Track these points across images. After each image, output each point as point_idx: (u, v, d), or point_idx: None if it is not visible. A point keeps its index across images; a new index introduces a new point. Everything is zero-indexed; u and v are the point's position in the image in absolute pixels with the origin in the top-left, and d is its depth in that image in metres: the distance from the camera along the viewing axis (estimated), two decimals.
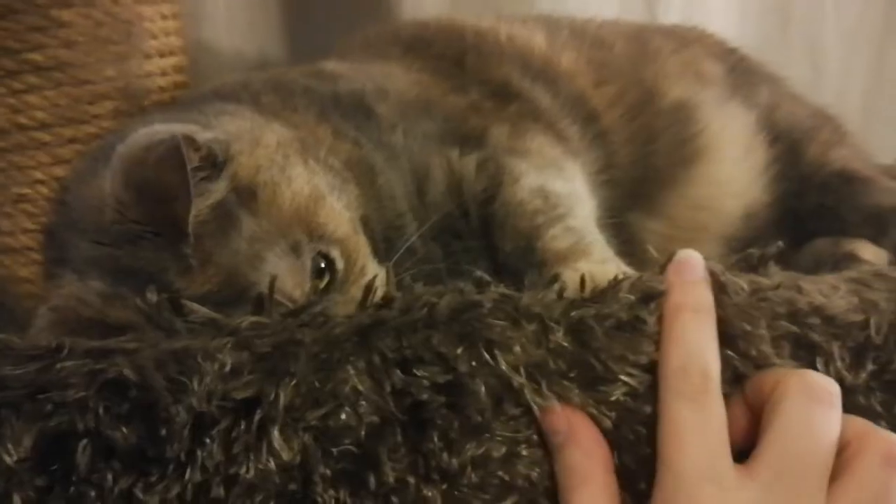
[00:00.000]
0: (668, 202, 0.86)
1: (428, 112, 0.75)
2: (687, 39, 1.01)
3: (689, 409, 0.50)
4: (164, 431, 0.52)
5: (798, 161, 0.91)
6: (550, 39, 0.91)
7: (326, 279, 0.60)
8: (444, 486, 0.54)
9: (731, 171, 0.90)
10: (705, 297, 0.54)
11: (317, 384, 0.54)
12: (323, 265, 0.60)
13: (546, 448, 0.54)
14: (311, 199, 0.61)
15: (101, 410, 0.52)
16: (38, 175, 0.76)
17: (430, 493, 0.53)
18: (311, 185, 0.62)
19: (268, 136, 0.64)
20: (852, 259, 0.79)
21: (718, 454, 0.49)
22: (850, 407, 0.55)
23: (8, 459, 0.53)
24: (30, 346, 0.54)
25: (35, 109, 0.75)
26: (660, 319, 0.54)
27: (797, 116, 0.95)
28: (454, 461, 0.53)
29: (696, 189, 0.87)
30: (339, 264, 0.61)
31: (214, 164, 0.58)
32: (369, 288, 0.57)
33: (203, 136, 0.58)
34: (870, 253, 0.80)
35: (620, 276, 0.58)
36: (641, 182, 0.85)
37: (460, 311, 0.55)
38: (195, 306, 0.56)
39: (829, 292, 0.57)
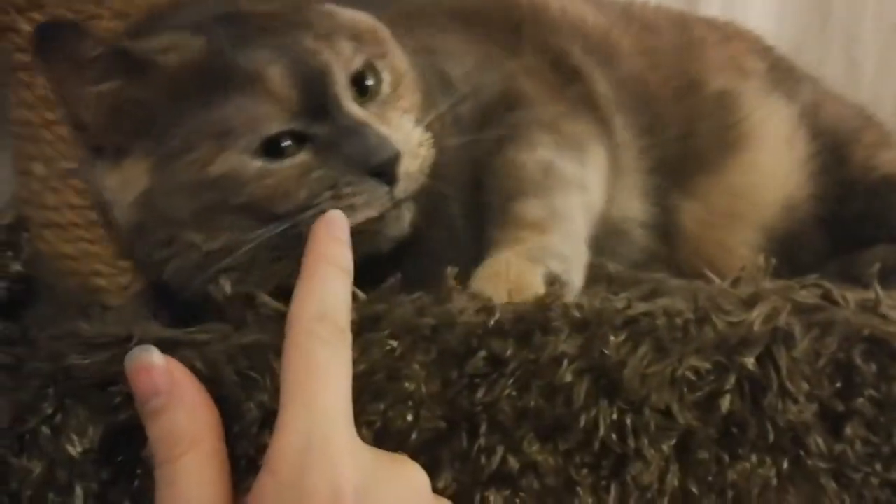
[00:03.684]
0: (707, 186, 0.85)
1: (482, 76, 0.73)
2: (728, 33, 1.00)
3: (329, 351, 0.49)
4: (236, 428, 0.51)
5: (843, 163, 0.90)
6: (603, 16, 0.90)
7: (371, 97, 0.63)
8: None
9: (772, 161, 0.89)
10: (347, 256, 0.53)
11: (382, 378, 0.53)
12: (370, 82, 0.63)
13: None
14: (379, 28, 0.66)
15: None
16: None
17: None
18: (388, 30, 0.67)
19: None
20: None
21: (350, 397, 0.49)
22: None
23: (72, 450, 0.52)
24: (99, 334, 0.53)
25: None
26: None
27: (841, 116, 0.94)
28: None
29: (736, 176, 0.87)
30: (385, 86, 0.63)
31: None
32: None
33: None
34: None
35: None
36: (682, 163, 0.84)
37: None
38: (266, 298, 0.54)
39: None
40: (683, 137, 0.85)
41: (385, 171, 0.59)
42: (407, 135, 0.62)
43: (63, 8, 0.71)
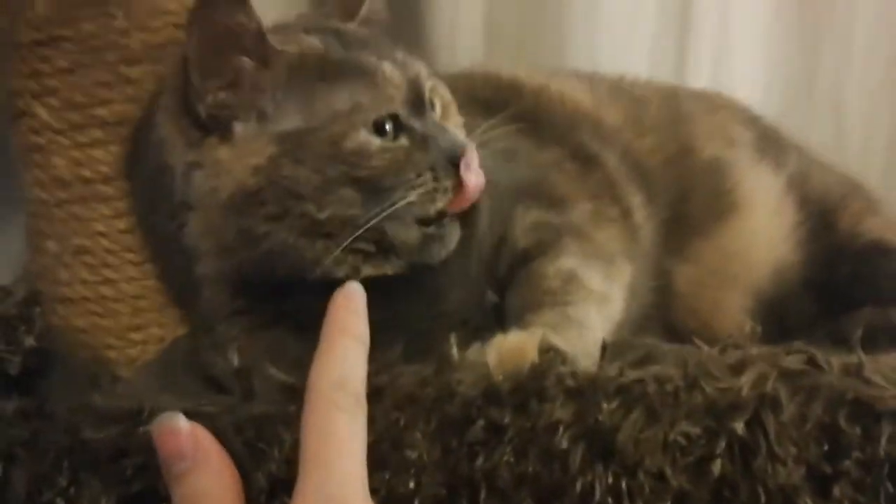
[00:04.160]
0: (700, 249, 0.89)
1: (514, 162, 0.79)
2: (715, 105, 1.04)
3: (347, 419, 0.52)
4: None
5: (831, 229, 0.93)
6: (593, 96, 0.94)
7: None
8: None
9: (762, 226, 0.92)
10: (364, 328, 0.58)
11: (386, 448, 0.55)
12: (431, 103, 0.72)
13: None
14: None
15: None
16: (99, 227, 0.76)
17: None
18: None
19: None
20: None
21: (365, 463, 0.52)
22: None
23: None
24: (112, 407, 0.55)
25: (99, 163, 0.75)
26: None
27: (828, 185, 0.97)
28: None
29: (728, 240, 0.90)
30: (437, 108, 0.73)
31: None
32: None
33: None
34: None
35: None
36: (675, 227, 0.88)
37: None
38: (274, 371, 0.57)
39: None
40: (676, 203, 0.88)
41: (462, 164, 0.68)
42: None
43: (78, 93, 0.74)
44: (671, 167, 0.90)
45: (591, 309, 0.71)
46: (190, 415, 0.54)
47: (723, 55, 1.27)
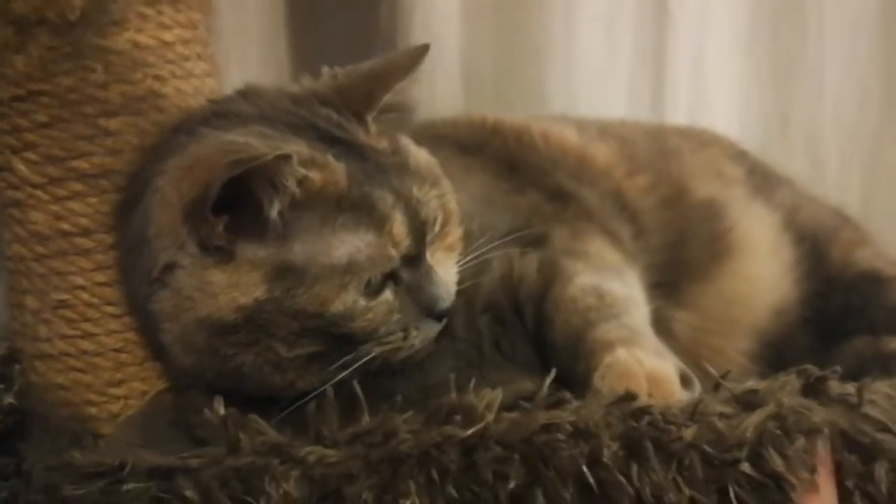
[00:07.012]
0: (700, 294, 0.88)
1: (493, 207, 0.79)
2: (702, 141, 1.04)
3: None
4: None
5: (823, 261, 0.93)
6: (581, 135, 0.94)
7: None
8: None
9: (761, 267, 0.92)
10: None
11: None
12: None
13: None
14: (438, 167, 0.74)
15: None
16: (79, 281, 0.75)
17: None
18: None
19: None
20: None
21: None
22: None
23: None
24: (93, 463, 0.54)
25: (78, 216, 0.74)
26: None
27: (819, 217, 0.98)
28: None
29: (728, 283, 0.90)
30: (437, 225, 0.70)
31: None
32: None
33: None
34: None
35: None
36: (670, 272, 0.87)
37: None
38: (264, 426, 0.56)
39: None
40: (672, 246, 0.88)
41: (442, 316, 0.69)
42: (451, 276, 0.71)
43: (57, 147, 0.74)
44: (666, 209, 0.90)
45: (638, 315, 0.73)
46: (174, 469, 0.53)
47: (699, 95, 1.28)
